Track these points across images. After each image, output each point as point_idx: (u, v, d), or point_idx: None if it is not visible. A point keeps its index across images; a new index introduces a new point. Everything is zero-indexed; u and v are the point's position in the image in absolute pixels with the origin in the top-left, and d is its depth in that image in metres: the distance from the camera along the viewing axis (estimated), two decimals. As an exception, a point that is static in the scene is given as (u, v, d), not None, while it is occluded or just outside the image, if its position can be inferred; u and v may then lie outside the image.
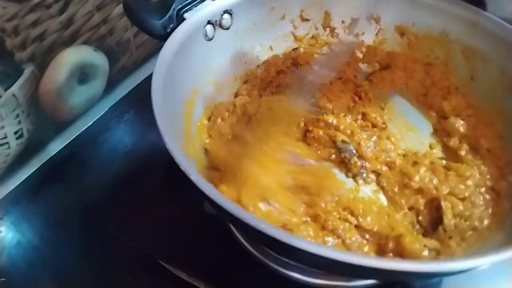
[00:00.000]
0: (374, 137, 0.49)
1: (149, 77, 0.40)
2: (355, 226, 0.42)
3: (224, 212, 0.32)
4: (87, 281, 0.50)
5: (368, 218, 0.42)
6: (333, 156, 0.48)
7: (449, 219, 0.43)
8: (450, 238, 0.42)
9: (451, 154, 0.50)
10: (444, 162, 0.48)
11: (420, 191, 0.45)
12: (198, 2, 0.48)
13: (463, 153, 0.49)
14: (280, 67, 0.57)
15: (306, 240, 0.39)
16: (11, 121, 0.53)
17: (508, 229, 0.41)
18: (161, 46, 0.44)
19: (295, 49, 0.59)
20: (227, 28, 0.52)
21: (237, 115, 0.51)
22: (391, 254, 0.41)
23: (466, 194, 0.44)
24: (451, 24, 0.53)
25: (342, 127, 0.49)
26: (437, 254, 0.41)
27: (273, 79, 0.56)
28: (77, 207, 0.56)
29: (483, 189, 0.45)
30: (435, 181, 0.45)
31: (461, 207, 0.44)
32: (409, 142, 0.51)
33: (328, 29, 0.59)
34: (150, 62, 0.71)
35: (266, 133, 0.48)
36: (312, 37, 0.59)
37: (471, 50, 0.52)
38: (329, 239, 0.41)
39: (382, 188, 0.46)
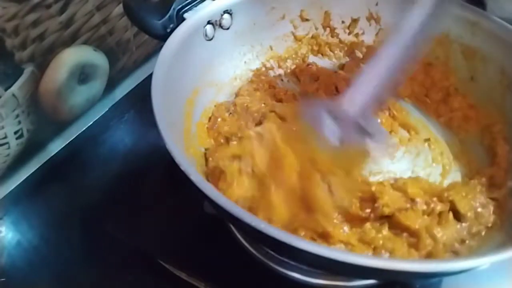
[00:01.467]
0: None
1: (149, 77, 0.40)
2: None
3: (224, 212, 0.32)
4: (87, 281, 0.50)
5: None
6: None
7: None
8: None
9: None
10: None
11: None
12: (198, 2, 0.48)
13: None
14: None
15: (306, 240, 0.39)
16: (11, 121, 0.53)
17: (508, 229, 0.41)
18: (161, 46, 0.44)
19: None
20: (227, 28, 0.52)
21: (237, 113, 0.51)
22: None
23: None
24: (451, 24, 0.53)
25: None
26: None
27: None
28: (77, 207, 0.56)
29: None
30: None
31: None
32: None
33: (328, 29, 0.59)
34: (150, 62, 0.71)
35: None
36: (312, 37, 0.60)
37: (471, 50, 0.52)
38: None
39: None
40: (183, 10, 0.47)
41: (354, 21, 0.59)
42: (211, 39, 0.50)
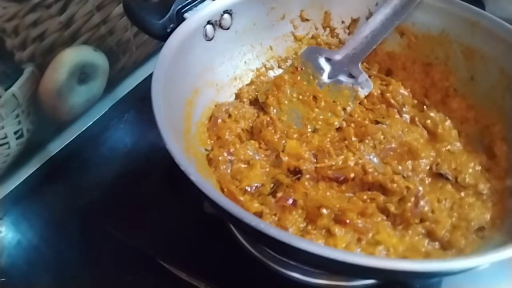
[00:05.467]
0: None
1: (149, 77, 0.40)
2: None
3: (224, 212, 0.32)
4: (87, 281, 0.50)
5: None
6: None
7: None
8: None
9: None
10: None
11: None
12: (198, 2, 0.48)
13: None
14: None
15: (306, 240, 0.39)
16: (11, 121, 0.53)
17: (508, 229, 0.41)
18: (161, 46, 0.44)
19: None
20: (227, 28, 0.52)
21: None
22: None
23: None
24: (451, 24, 0.53)
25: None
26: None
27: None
28: (77, 207, 0.56)
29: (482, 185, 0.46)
30: None
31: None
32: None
33: (328, 29, 0.59)
34: (150, 62, 0.71)
35: None
36: (312, 37, 0.59)
37: (471, 50, 0.52)
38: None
39: None
40: (183, 10, 0.47)
41: (354, 21, 0.59)
42: (211, 39, 0.50)
